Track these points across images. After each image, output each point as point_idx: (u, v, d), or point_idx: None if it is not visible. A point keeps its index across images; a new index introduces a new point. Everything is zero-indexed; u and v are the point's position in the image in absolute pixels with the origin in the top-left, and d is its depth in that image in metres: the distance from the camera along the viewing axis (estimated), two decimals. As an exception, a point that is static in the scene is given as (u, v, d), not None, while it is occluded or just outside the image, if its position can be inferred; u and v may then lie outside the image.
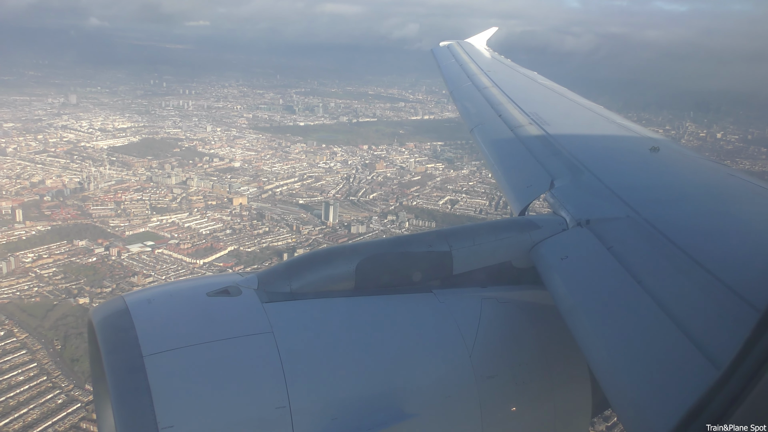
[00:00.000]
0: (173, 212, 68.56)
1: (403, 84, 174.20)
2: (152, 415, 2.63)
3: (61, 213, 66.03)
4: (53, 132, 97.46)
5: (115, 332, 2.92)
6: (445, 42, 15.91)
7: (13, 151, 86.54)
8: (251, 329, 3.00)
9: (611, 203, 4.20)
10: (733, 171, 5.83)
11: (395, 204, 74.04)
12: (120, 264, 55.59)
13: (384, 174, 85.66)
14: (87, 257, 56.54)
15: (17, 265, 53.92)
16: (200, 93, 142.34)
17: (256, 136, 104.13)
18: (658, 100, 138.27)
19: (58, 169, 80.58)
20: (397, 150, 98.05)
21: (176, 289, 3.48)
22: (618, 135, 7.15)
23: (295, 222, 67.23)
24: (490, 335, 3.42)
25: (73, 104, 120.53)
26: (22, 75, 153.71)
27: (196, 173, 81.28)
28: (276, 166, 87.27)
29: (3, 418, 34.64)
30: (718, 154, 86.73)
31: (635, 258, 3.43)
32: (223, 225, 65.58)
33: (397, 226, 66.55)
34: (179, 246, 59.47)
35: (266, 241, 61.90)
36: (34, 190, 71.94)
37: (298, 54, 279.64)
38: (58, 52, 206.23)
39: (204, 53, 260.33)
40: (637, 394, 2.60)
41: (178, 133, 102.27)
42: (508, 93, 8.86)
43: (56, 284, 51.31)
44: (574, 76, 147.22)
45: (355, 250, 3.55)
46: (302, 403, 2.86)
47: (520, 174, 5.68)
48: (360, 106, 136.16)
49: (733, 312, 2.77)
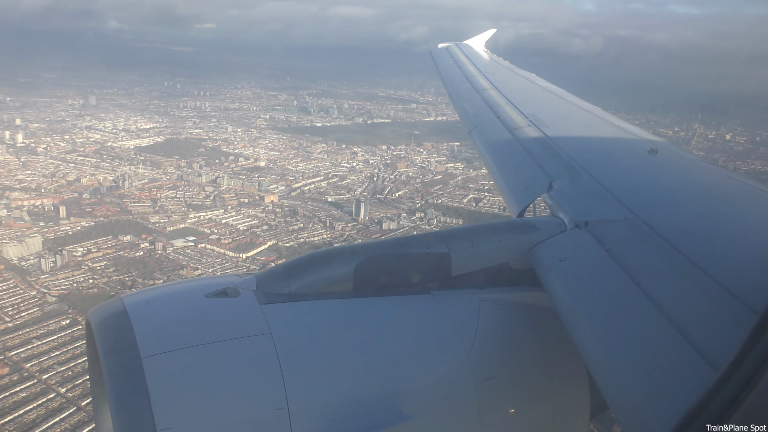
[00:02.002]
0: (208, 209, 70.76)
1: (411, 86, 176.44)
2: (150, 416, 2.65)
3: (102, 210, 68.23)
4: (78, 132, 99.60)
5: (113, 334, 2.93)
6: (444, 44, 15.80)
7: (44, 150, 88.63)
8: (249, 331, 3.02)
9: (609, 205, 4.21)
10: (731, 173, 5.82)
11: (421, 202, 76.39)
12: (166, 258, 57.81)
13: (406, 173, 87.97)
14: (134, 251, 58.75)
15: (69, 258, 56.11)
16: (214, 94, 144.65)
17: (277, 136, 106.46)
18: (664, 102, 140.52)
19: (90, 168, 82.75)
20: (415, 150, 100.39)
21: (174, 291, 3.49)
22: (616, 137, 7.16)
23: (327, 219, 69.56)
24: (489, 337, 3.43)
25: (93, 105, 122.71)
26: (38, 77, 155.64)
27: (224, 172, 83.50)
28: (300, 165, 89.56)
29: (84, 399, 36.83)
30: (728, 155, 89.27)
31: (633, 260, 3.45)
32: (259, 221, 67.85)
33: (425, 222, 68.88)
34: (220, 241, 61.68)
35: (302, 237, 64.17)
36: (72, 188, 74.09)
37: (305, 56, 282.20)
38: (69, 55, 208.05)
39: (211, 56, 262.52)
40: (635, 396, 2.60)
41: (201, 134, 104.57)
42: (507, 95, 8.87)
43: (110, 276, 53.54)
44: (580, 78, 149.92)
45: (354, 251, 3.57)
46: (300, 404, 2.88)
47: (519, 176, 5.70)
48: (373, 108, 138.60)
49: (731, 314, 2.78)
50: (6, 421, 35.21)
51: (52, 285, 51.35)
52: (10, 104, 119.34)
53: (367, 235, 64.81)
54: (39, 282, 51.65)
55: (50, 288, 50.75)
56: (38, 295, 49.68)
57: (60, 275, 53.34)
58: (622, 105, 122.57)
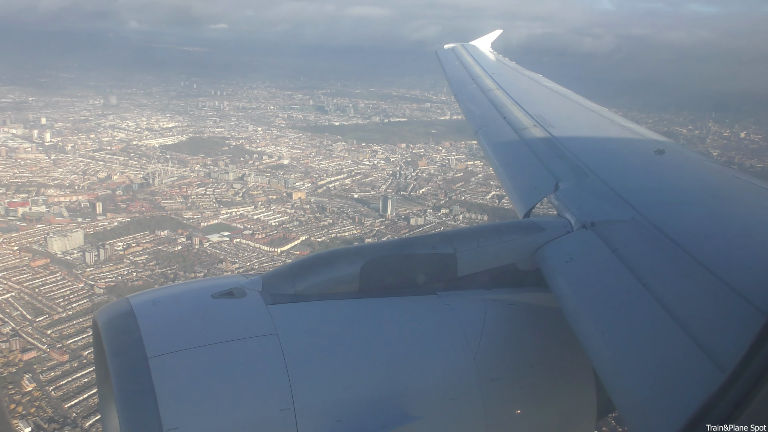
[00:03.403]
0: (239, 206, 72.44)
1: (423, 86, 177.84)
2: (157, 416, 2.67)
3: (136, 206, 69.99)
4: (103, 131, 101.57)
5: (119, 334, 2.96)
6: (450, 44, 15.74)
7: (72, 149, 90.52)
8: (255, 331, 3.04)
9: (616, 206, 4.20)
10: (738, 173, 5.77)
11: (445, 199, 77.88)
12: (204, 252, 59.50)
13: (427, 171, 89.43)
14: (172, 246, 60.45)
15: (111, 252, 57.90)
16: (231, 94, 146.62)
17: (297, 134, 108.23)
18: (677, 101, 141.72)
19: (119, 165, 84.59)
20: (434, 148, 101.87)
21: (181, 291, 3.53)
22: (623, 137, 7.17)
23: (355, 214, 71.18)
24: (495, 337, 3.44)
25: (114, 105, 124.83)
26: (56, 77, 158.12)
27: (250, 170, 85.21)
28: (323, 163, 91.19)
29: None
30: (744, 153, 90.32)
31: (640, 260, 3.44)
32: (290, 217, 69.48)
33: (451, 218, 70.40)
34: (254, 236, 63.34)
35: (333, 232, 65.79)
36: (104, 185, 75.91)
37: (315, 56, 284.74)
38: (84, 55, 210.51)
39: (223, 56, 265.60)
40: (642, 396, 2.61)
41: (223, 132, 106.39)
42: (513, 95, 8.89)
43: (152, 269, 55.28)
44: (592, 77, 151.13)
45: (360, 252, 3.58)
46: (307, 405, 2.89)
47: (525, 176, 5.71)
48: (388, 107, 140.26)
49: (739, 315, 2.77)
50: (73, 404, 36.96)
51: (98, 277, 53.19)
52: (33, 104, 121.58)
53: (396, 230, 66.36)
54: (85, 275, 53.46)
55: (97, 280, 52.55)
56: (86, 287, 51.44)
57: (104, 268, 55.17)
58: (634, 104, 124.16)
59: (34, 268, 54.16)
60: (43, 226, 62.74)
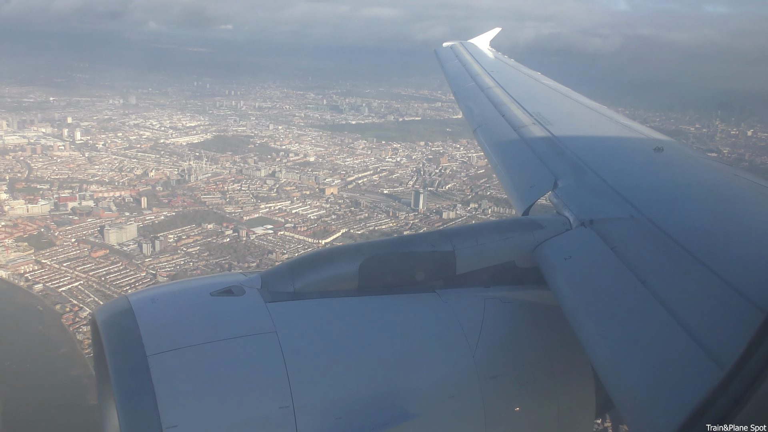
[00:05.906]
0: (275, 200, 75.19)
1: (431, 85, 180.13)
2: (156, 414, 2.68)
3: (178, 201, 72.68)
4: (129, 130, 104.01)
5: (119, 332, 2.97)
6: (448, 42, 15.72)
7: (103, 147, 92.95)
8: (254, 329, 3.05)
9: (615, 203, 4.20)
10: (738, 171, 5.80)
11: (471, 194, 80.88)
12: (252, 244, 62.24)
13: (449, 167, 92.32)
14: (220, 238, 63.21)
15: (165, 244, 60.58)
16: (244, 94, 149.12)
17: (317, 133, 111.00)
18: (682, 100, 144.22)
19: (152, 162, 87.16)
20: (452, 146, 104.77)
21: (180, 289, 3.56)
22: (622, 135, 7.19)
23: (388, 209, 74.08)
24: (494, 335, 3.45)
25: (134, 105, 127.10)
26: (72, 77, 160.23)
27: (279, 167, 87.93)
28: (347, 160, 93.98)
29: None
30: (753, 150, 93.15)
31: (639, 258, 3.44)
32: (326, 211, 72.29)
33: (480, 212, 73.37)
34: (296, 229, 66.15)
35: (371, 225, 68.65)
36: (143, 181, 78.51)
37: (322, 57, 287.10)
38: (97, 56, 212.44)
39: (231, 56, 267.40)
40: (641, 394, 2.61)
41: (245, 131, 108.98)
42: (512, 93, 8.85)
43: (206, 260, 58.02)
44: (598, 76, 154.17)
45: (359, 250, 3.61)
46: (306, 402, 2.90)
47: (524, 174, 5.68)
48: (400, 106, 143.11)
49: (738, 312, 2.78)
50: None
51: (158, 267, 55.87)
52: (54, 103, 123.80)
53: (430, 224, 69.23)
54: (145, 264, 56.18)
55: (157, 270, 55.23)
56: (148, 276, 54.14)
57: (161, 259, 57.95)
58: (640, 103, 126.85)
59: (95, 258, 56.89)
60: (93, 220, 65.41)
